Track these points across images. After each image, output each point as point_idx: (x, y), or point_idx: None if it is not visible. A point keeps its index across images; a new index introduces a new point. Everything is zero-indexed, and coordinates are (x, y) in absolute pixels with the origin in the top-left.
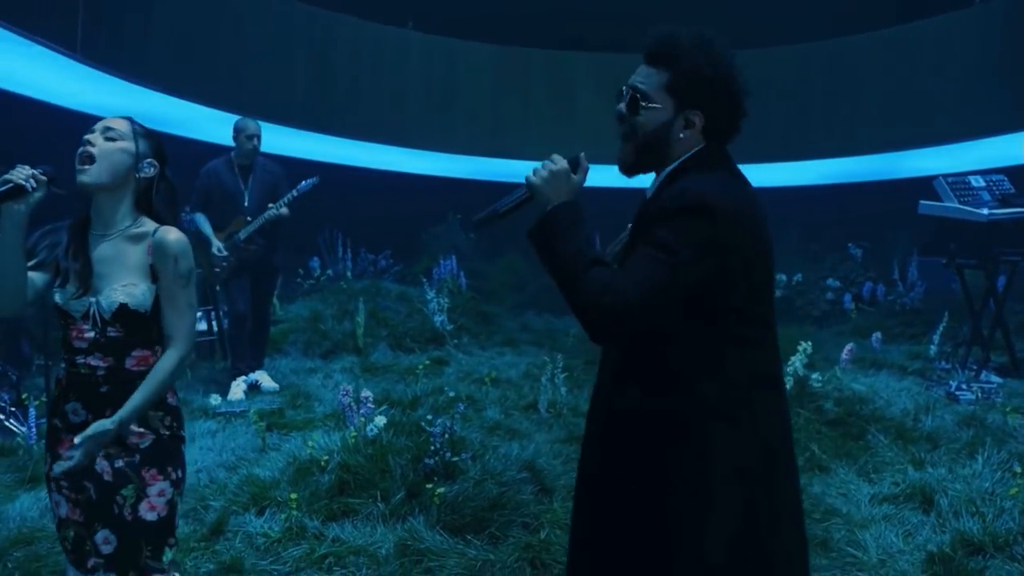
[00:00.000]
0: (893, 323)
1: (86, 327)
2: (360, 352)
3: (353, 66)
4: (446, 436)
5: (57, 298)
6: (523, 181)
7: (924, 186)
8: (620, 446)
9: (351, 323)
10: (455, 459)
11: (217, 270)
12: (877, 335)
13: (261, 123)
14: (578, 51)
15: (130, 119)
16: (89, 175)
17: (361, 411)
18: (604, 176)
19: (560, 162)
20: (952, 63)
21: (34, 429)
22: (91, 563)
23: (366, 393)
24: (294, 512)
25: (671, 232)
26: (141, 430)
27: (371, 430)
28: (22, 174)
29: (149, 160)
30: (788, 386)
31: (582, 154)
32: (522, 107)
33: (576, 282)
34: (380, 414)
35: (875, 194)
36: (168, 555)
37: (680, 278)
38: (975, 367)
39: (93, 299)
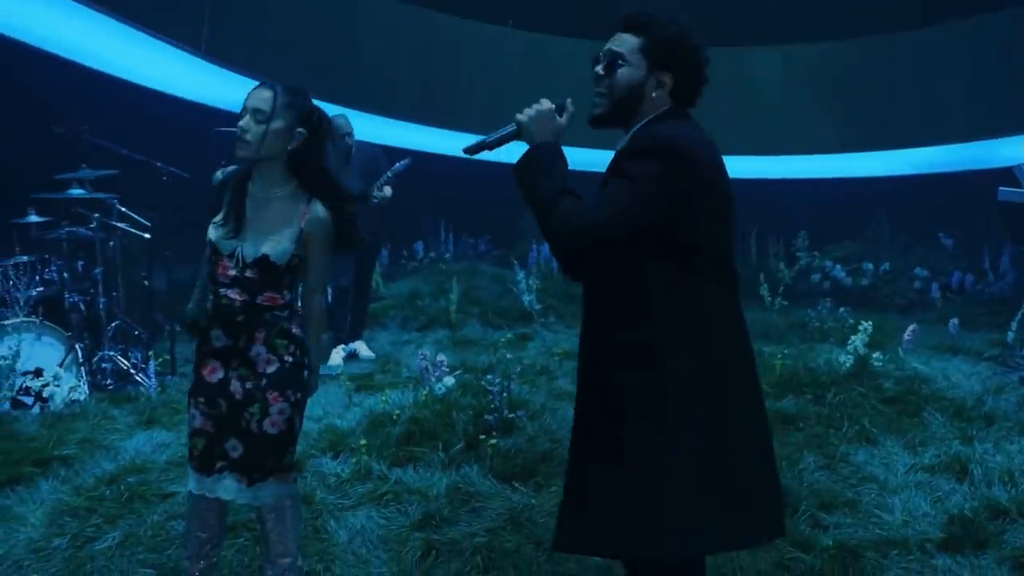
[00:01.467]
0: (979, 311)
1: (230, 265)
2: (452, 327)
3: (455, 62)
4: (504, 395)
5: (211, 233)
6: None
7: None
8: (595, 372)
9: (446, 300)
10: (511, 416)
11: None
12: (954, 321)
13: (371, 116)
14: None
15: (274, 89)
16: (243, 152)
17: (436, 374)
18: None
19: (547, 104)
20: None
21: (154, 381)
22: (218, 466)
23: (441, 358)
24: (364, 457)
25: (638, 168)
26: (269, 356)
27: (439, 388)
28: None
29: (298, 129)
30: (848, 364)
31: (569, 100)
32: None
33: (550, 210)
34: (452, 377)
35: (967, 183)
36: (288, 461)
37: (643, 207)
38: None
39: (239, 244)
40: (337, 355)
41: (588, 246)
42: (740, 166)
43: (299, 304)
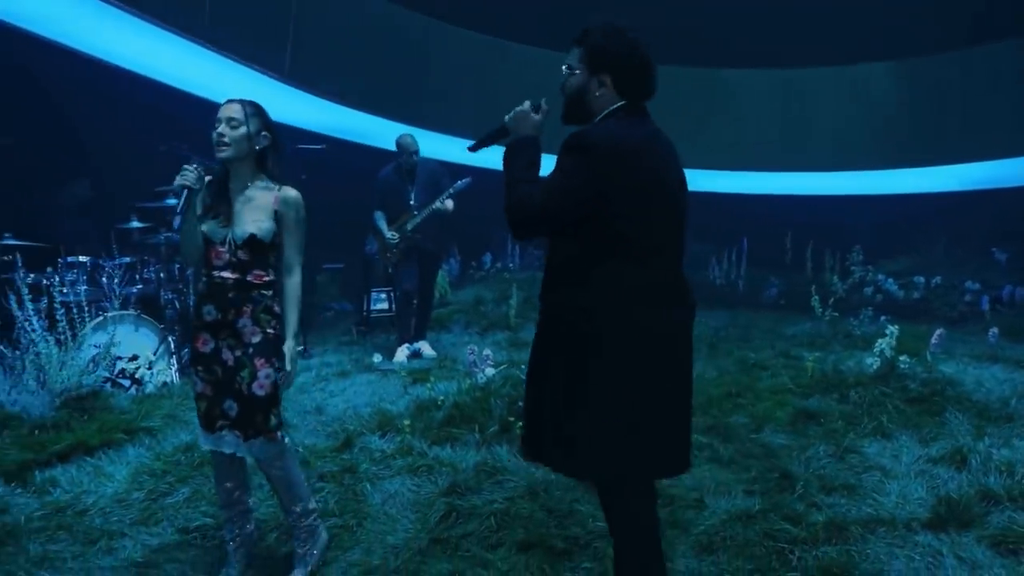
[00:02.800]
0: None
1: (223, 250)
2: (511, 329)
3: (520, 87)
4: None
5: (204, 228)
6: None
7: None
8: (545, 324)
9: (507, 306)
10: None
11: (389, 255)
12: (994, 330)
13: (437, 134)
14: (733, 68)
15: (242, 103)
16: (224, 153)
17: (481, 366)
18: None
19: (526, 105)
20: None
21: None
22: (219, 424)
23: (487, 352)
24: (407, 436)
25: (564, 162)
26: (254, 328)
27: (481, 379)
28: (190, 177)
29: (263, 134)
30: (875, 367)
31: (543, 100)
32: (680, 121)
33: (509, 192)
34: (493, 368)
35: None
36: (273, 420)
37: (566, 196)
38: None
39: (229, 230)
40: (401, 353)
41: (527, 223)
42: (795, 183)
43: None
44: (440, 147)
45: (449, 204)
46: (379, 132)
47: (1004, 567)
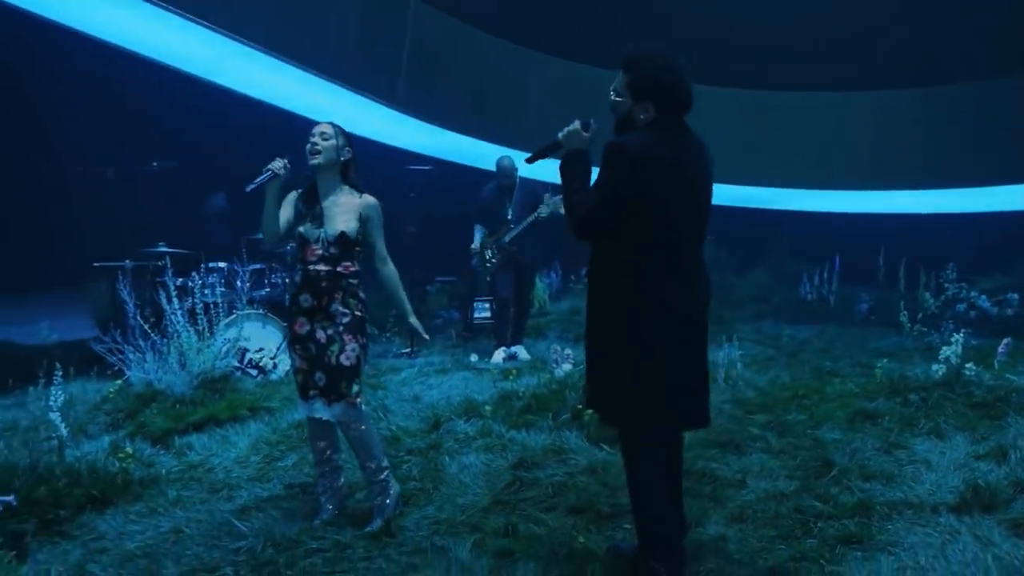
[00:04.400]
0: None
1: (317, 247)
2: None
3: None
4: None
5: (301, 229)
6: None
7: None
8: (593, 303)
9: None
10: None
11: (488, 265)
12: None
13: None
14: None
15: (331, 123)
16: (316, 160)
17: (561, 363)
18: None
19: (576, 124)
20: None
21: None
22: (311, 393)
23: (568, 351)
24: (488, 420)
25: (604, 171)
26: (344, 311)
27: (559, 373)
28: (277, 164)
29: (347, 148)
30: (940, 373)
31: (592, 120)
32: (757, 141)
33: (568, 200)
34: (570, 364)
35: None
36: (355, 387)
37: (612, 198)
38: None
39: (321, 230)
40: (498, 355)
41: (584, 225)
42: (890, 202)
43: (362, 272)
44: (536, 167)
45: (545, 212)
46: (480, 153)
47: (1016, 546)
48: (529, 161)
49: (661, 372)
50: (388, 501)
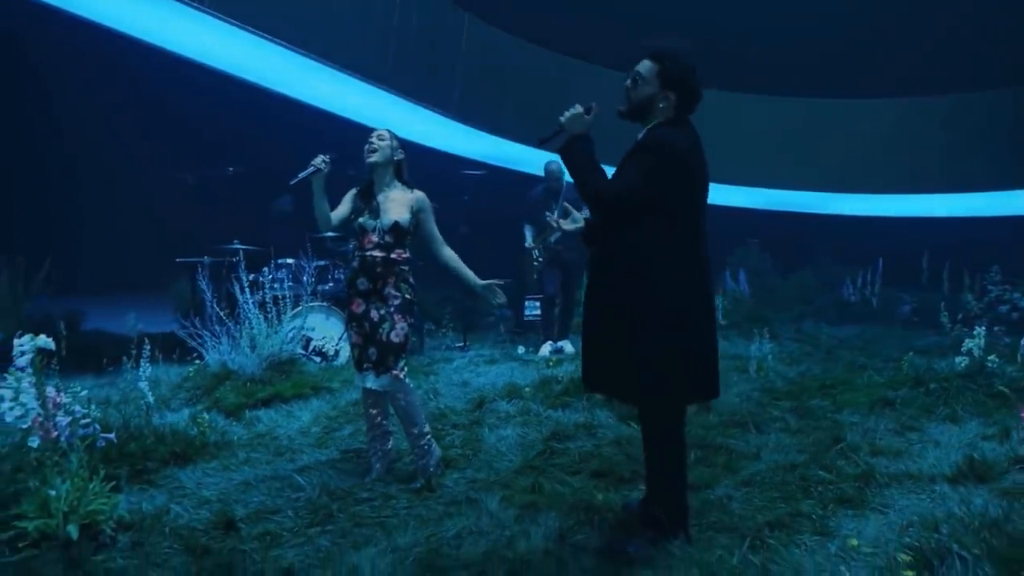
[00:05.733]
0: None
1: (373, 236)
2: None
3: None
4: None
5: (360, 221)
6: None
7: None
8: (612, 287)
9: None
10: None
11: (535, 264)
12: None
13: None
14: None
15: (388, 129)
16: (373, 158)
17: None
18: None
19: (577, 108)
20: None
21: None
22: (364, 366)
23: None
24: (528, 401)
25: (643, 159)
26: (396, 293)
27: None
28: (318, 160)
29: (399, 149)
30: (963, 365)
31: (594, 103)
32: (801, 149)
33: (585, 181)
34: None
35: None
36: (401, 362)
37: (642, 184)
38: None
39: (377, 221)
40: (545, 348)
41: (608, 205)
42: (931, 206)
43: (412, 260)
44: None
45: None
46: (529, 159)
47: (994, 506)
48: (540, 143)
49: (693, 349)
50: (430, 462)
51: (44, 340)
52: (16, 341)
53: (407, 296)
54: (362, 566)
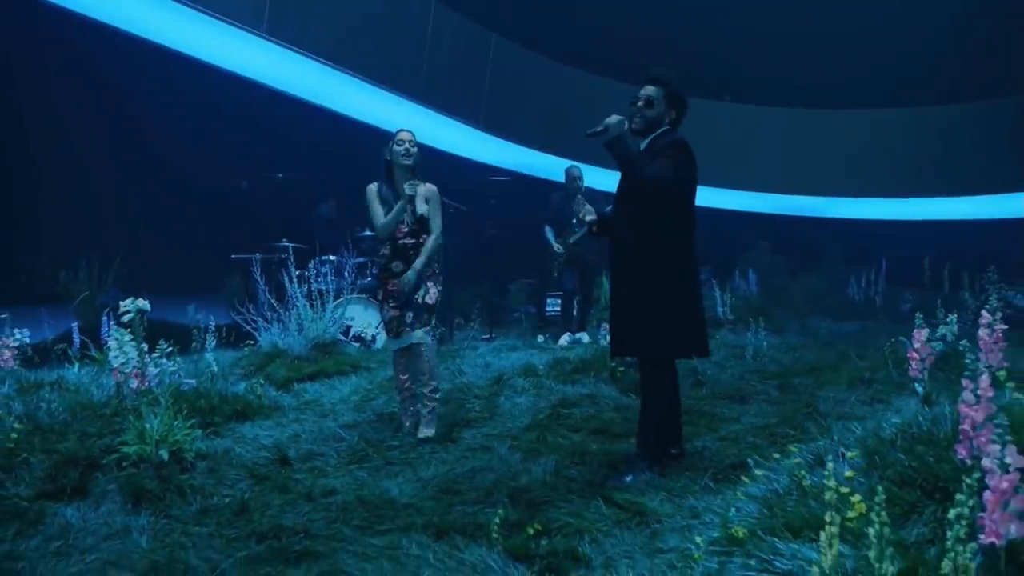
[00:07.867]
0: None
1: (404, 227)
2: None
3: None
4: None
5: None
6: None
7: None
8: (644, 264)
9: None
10: None
11: (556, 262)
12: None
13: (599, 168)
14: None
15: (411, 132)
16: (411, 160)
17: (607, 335)
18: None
19: (616, 117)
20: None
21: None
22: (401, 330)
23: None
24: (542, 378)
25: (677, 155)
26: (429, 271)
27: (604, 343)
28: (409, 192)
29: (418, 155)
30: (938, 348)
31: (625, 119)
32: (810, 157)
33: (639, 166)
34: None
35: None
36: (433, 320)
37: (680, 175)
38: None
39: (408, 213)
40: (564, 339)
41: (662, 190)
42: (936, 209)
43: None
44: (603, 179)
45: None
46: (551, 167)
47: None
48: (586, 137)
49: (700, 312)
50: (425, 411)
51: (143, 302)
52: (121, 303)
53: (435, 270)
54: (391, 489)
